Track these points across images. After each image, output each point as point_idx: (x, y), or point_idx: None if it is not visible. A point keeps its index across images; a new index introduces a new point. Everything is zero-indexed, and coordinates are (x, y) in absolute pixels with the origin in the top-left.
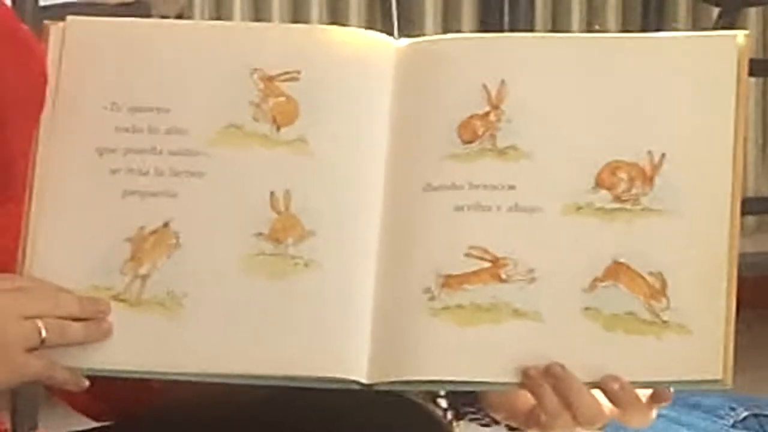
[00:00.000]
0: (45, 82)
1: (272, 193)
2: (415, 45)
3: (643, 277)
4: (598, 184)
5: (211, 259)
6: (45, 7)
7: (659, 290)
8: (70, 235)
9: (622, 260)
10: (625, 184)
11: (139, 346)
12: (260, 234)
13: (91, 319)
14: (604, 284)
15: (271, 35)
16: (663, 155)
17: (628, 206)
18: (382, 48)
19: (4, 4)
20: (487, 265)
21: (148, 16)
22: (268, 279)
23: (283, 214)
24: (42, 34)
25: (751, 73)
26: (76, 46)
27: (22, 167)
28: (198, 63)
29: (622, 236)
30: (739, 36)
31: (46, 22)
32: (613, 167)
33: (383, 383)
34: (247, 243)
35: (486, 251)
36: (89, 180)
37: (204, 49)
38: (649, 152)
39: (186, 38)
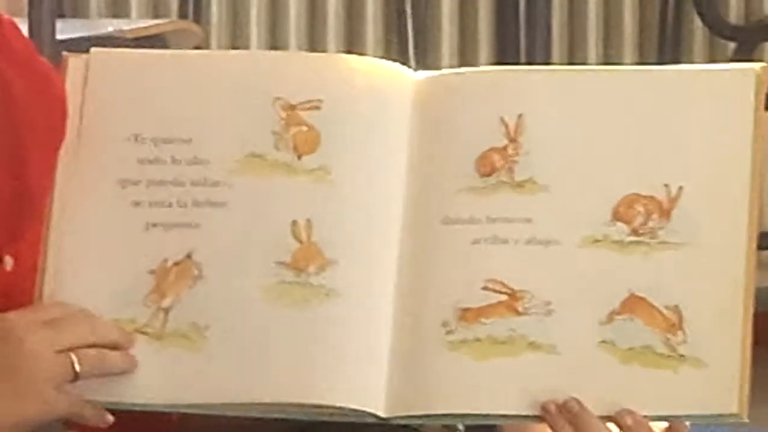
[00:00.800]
0: (64, 113)
1: (294, 222)
2: (434, 78)
3: (659, 311)
4: (615, 217)
5: (233, 289)
6: (62, 41)
7: (676, 324)
8: (91, 268)
9: (639, 293)
10: (642, 217)
11: (163, 380)
12: (282, 263)
13: (126, 348)
14: (621, 317)
15: (293, 64)
16: (680, 188)
17: (645, 239)
18: (402, 80)
19: (23, 36)
20: (504, 298)
21: (165, 49)
22: (289, 308)
23: (305, 243)
24: (61, 65)
25: (766, 107)
26: (99, 77)
27: (38, 200)
28: (220, 92)
29: (639, 269)
30: (757, 68)
31: (65, 53)
32: (631, 200)
33: (400, 417)
34: (268, 272)
35: (503, 284)
36: (111, 212)
37: (226, 79)
38: (666, 185)
39: (208, 68)
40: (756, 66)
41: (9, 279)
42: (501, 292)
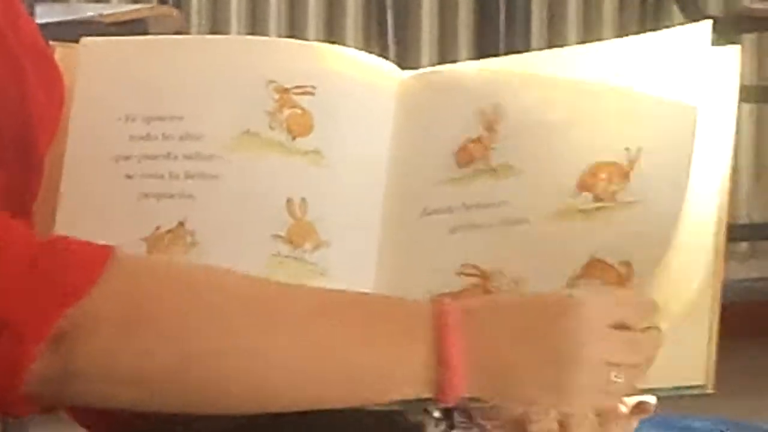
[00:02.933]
0: (63, 94)
1: (289, 200)
2: (417, 76)
3: (614, 268)
4: (581, 187)
5: (227, 258)
6: (41, 25)
7: (624, 278)
8: (86, 237)
9: (598, 256)
10: (605, 183)
11: None
12: (278, 236)
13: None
14: (582, 282)
15: (286, 49)
16: (639, 149)
17: (607, 203)
18: (388, 76)
19: (32, 22)
20: (476, 281)
21: (145, 34)
22: (284, 281)
23: (300, 221)
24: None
25: (745, 99)
26: (89, 65)
27: (38, 184)
28: (212, 73)
29: (601, 232)
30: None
31: (52, 43)
32: (595, 169)
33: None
34: (264, 243)
35: (476, 267)
36: (105, 186)
37: (218, 61)
38: (627, 149)
39: (200, 51)
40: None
41: None
42: (473, 275)
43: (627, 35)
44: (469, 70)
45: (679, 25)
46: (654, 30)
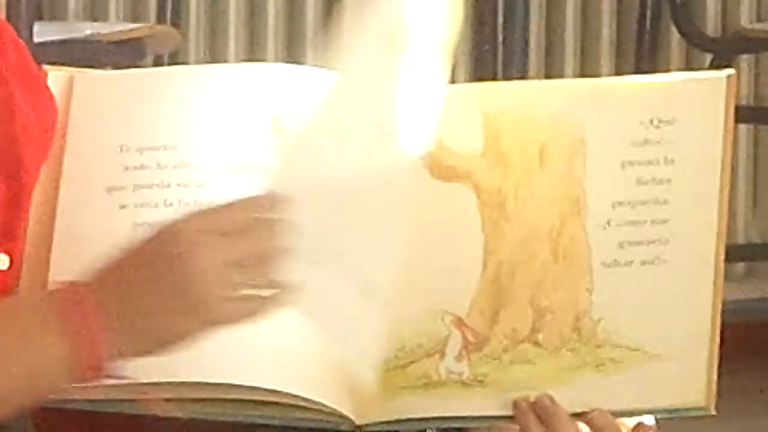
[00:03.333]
0: (54, 114)
1: None
2: None
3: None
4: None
5: None
6: (40, 44)
7: None
8: (81, 265)
9: None
10: None
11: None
12: None
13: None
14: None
15: (282, 77)
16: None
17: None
18: None
19: (18, 40)
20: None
21: (143, 53)
22: None
23: None
24: (57, 79)
25: (742, 120)
26: (83, 97)
27: (28, 202)
28: (206, 104)
29: None
30: (724, 76)
31: (45, 67)
32: None
33: (376, 424)
34: None
35: None
36: (99, 217)
37: (213, 91)
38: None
39: (193, 81)
40: (724, 74)
41: (5, 276)
42: None
43: (624, 52)
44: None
45: (676, 46)
46: (652, 48)
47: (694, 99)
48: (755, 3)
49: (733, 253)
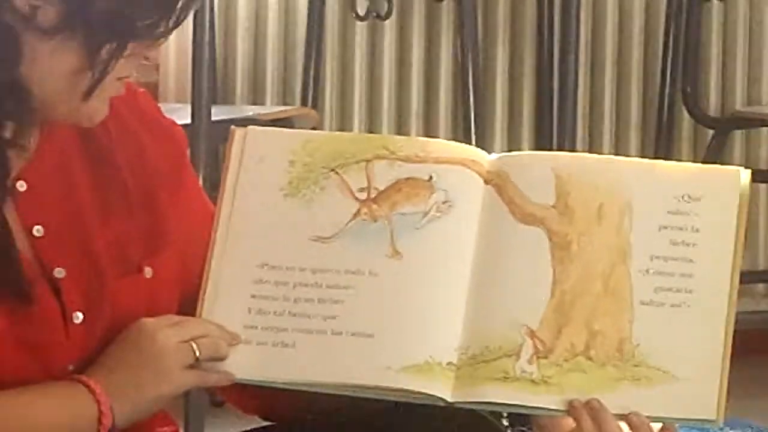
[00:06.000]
0: (183, 160)
1: None
2: (499, 158)
3: None
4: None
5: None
6: (216, 122)
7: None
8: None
9: None
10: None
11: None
12: None
13: (232, 343)
14: None
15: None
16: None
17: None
18: (480, 155)
19: (152, 101)
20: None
21: (292, 128)
22: None
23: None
24: (229, 136)
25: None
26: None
27: (168, 228)
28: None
29: None
30: (742, 173)
31: (232, 127)
32: None
33: (462, 402)
34: None
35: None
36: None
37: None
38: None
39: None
40: (742, 171)
41: (150, 285)
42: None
43: (648, 127)
44: (539, 156)
45: (686, 124)
46: (669, 124)
47: (718, 184)
48: (746, 92)
49: (754, 277)
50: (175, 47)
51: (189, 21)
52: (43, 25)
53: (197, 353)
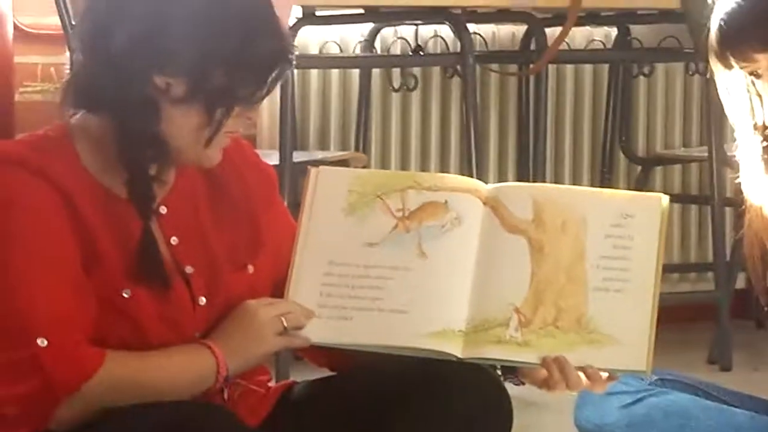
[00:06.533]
0: (274, 189)
1: None
2: (495, 188)
3: None
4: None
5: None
6: (296, 162)
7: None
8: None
9: None
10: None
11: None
12: None
13: (308, 316)
14: None
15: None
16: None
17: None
18: (481, 185)
19: (251, 147)
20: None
21: (348, 167)
22: None
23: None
24: (306, 173)
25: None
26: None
27: (264, 235)
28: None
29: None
30: (663, 198)
31: (309, 166)
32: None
33: (469, 358)
34: None
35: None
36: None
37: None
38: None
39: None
40: (663, 196)
41: (252, 278)
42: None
43: (595, 167)
44: (523, 187)
45: (622, 162)
46: (610, 161)
47: (646, 205)
48: (664, 139)
49: (671, 268)
50: (267, 108)
51: (276, 90)
52: (175, 97)
53: (285, 324)
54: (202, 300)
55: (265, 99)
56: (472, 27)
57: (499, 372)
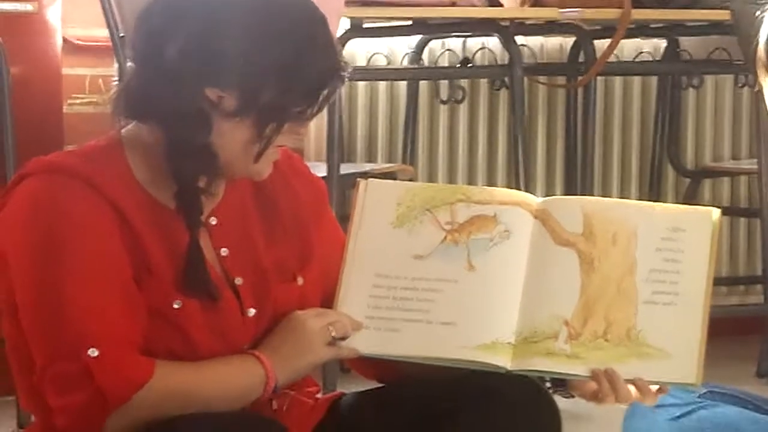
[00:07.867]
0: (323, 201)
1: None
2: (545, 201)
3: None
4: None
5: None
6: (343, 175)
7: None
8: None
9: None
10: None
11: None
12: None
13: (355, 327)
14: None
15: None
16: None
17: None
18: (531, 198)
19: (301, 160)
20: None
21: (395, 179)
22: None
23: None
24: (355, 185)
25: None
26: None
27: (314, 249)
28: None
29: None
30: (714, 212)
31: (358, 179)
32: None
33: (518, 370)
34: None
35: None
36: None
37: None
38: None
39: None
40: (714, 210)
41: (301, 290)
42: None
43: (644, 179)
44: (570, 199)
45: (670, 174)
46: (658, 174)
47: (697, 219)
48: (713, 151)
49: (721, 281)
50: (315, 120)
51: None
52: (226, 110)
53: (333, 334)
54: (251, 311)
55: (315, 116)
56: (520, 39)
57: (548, 384)
